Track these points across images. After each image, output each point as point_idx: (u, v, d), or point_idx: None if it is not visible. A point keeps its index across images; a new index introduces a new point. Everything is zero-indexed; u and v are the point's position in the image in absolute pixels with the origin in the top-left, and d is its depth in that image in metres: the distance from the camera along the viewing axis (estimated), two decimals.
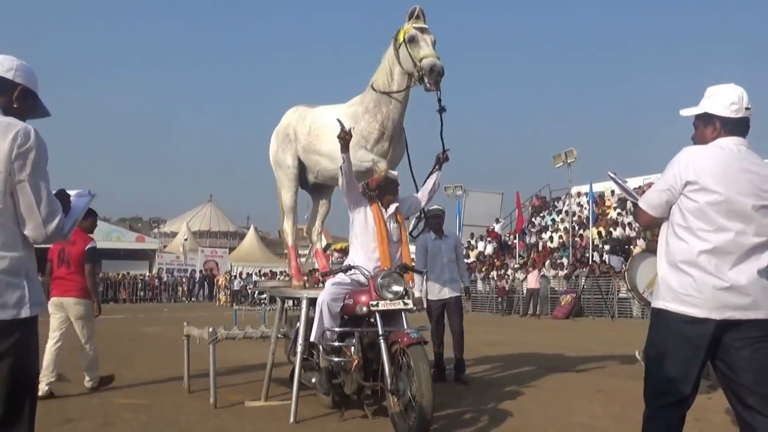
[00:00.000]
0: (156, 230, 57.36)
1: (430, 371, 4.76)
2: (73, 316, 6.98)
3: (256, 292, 27.23)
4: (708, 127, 3.23)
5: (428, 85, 5.66)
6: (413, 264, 6.04)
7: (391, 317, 5.21)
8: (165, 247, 44.15)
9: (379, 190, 5.77)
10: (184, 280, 39.08)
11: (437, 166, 6.24)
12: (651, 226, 3.52)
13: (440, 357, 7.87)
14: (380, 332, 5.04)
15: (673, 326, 3.12)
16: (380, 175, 5.77)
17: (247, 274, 37.44)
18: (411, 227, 6.78)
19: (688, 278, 3.08)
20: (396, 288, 5.20)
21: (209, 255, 42.38)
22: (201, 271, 39.76)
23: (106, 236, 40.04)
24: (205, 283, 38.78)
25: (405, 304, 5.18)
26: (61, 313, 6.97)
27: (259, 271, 38.56)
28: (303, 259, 8.39)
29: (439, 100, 5.85)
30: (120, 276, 36.90)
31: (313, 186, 7.02)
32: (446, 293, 7.91)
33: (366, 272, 5.40)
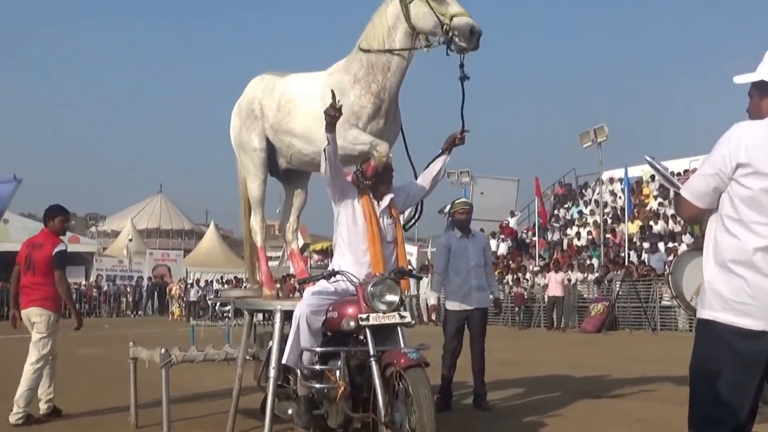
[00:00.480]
0: (94, 229, 57.19)
1: (434, 398, 4.77)
2: (33, 329, 7.24)
3: (218, 304, 27.18)
4: (765, 99, 3.23)
5: (465, 45, 5.64)
6: (411, 268, 6.07)
7: (384, 334, 5.21)
8: (105, 249, 44.10)
9: (375, 179, 5.78)
10: (128, 289, 39.01)
11: (447, 149, 6.24)
12: (696, 220, 3.54)
13: (449, 381, 7.93)
14: (371, 352, 5.03)
15: (723, 340, 3.11)
16: (380, 161, 5.76)
17: (207, 281, 37.46)
18: (405, 219, 6.78)
19: (740, 281, 3.08)
20: (390, 297, 5.21)
21: (159, 259, 42.34)
22: (150, 279, 39.72)
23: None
24: (155, 293, 38.73)
25: (401, 317, 5.19)
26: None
27: (221, 277, 38.59)
28: (275, 263, 8.39)
29: (462, 66, 5.83)
30: None
31: (285, 172, 6.97)
32: (471, 303, 7.97)
33: (354, 279, 5.40)
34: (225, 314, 23.20)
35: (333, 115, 5.33)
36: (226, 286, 33.71)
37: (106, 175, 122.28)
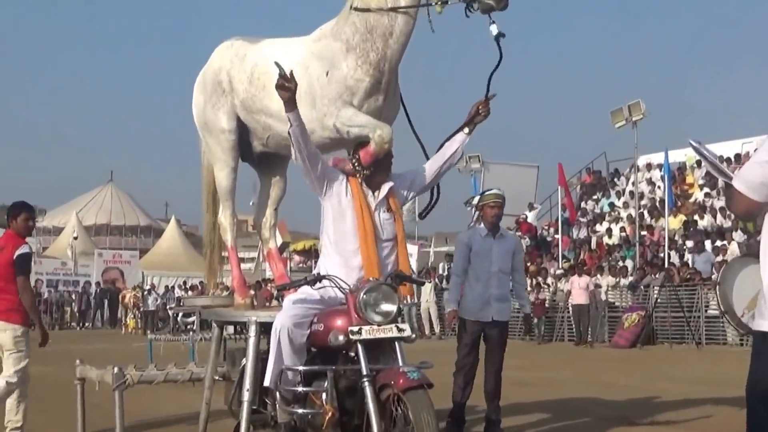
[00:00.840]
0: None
1: (439, 426, 4.79)
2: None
3: (181, 315, 27.22)
4: None
5: (493, 3, 5.63)
6: (412, 272, 6.08)
7: (379, 350, 5.24)
8: (45, 249, 44.06)
9: (373, 168, 5.79)
10: (74, 296, 38.99)
11: (469, 125, 6.15)
12: (750, 215, 3.52)
13: (461, 406, 7.96)
14: (364, 371, 5.04)
15: None
16: (382, 147, 5.74)
17: (167, 287, 37.47)
18: (423, 207, 6.74)
19: None
20: (386, 307, 5.21)
21: (110, 260, 42.30)
22: (98, 284, 39.69)
23: None
24: (105, 301, 38.70)
25: (399, 330, 5.20)
26: None
27: (184, 283, 38.54)
28: (249, 266, 8.42)
29: (493, 22, 5.84)
30: None
31: (259, 157, 6.97)
32: (490, 314, 7.96)
33: (343, 285, 5.41)
34: (189, 327, 23.29)
35: (287, 87, 5.26)
36: (190, 293, 33.74)
37: (47, 161, 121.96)
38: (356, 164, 5.77)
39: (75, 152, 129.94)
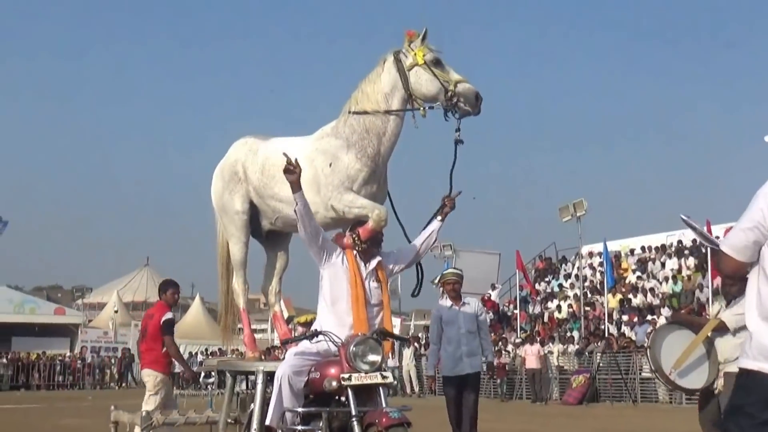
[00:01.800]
0: (80, 301, 56.63)
1: None
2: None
3: (202, 375, 26.78)
4: None
5: (469, 109, 5.79)
6: (395, 332, 6.01)
7: (366, 394, 5.13)
8: (90, 321, 43.54)
9: (368, 242, 5.76)
10: (113, 360, 38.40)
11: (441, 215, 6.17)
12: (737, 274, 3.57)
13: None
14: (353, 412, 4.94)
15: (766, 391, 3.12)
16: (379, 225, 5.73)
17: (191, 353, 36.92)
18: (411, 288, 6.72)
19: None
20: (372, 357, 5.14)
21: None
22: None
23: (17, 308, 39.54)
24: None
25: (383, 377, 5.12)
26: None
27: (206, 349, 38.04)
28: (260, 336, 8.36)
29: (458, 130, 5.90)
30: (34, 356, 36.12)
31: (267, 235, 6.92)
32: (464, 368, 8.08)
33: (336, 339, 5.32)
34: (209, 385, 22.93)
35: (292, 172, 5.30)
36: (210, 357, 33.27)
37: (92, 247, 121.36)
38: (356, 239, 5.73)
39: (117, 240, 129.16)
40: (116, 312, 41.95)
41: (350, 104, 6.15)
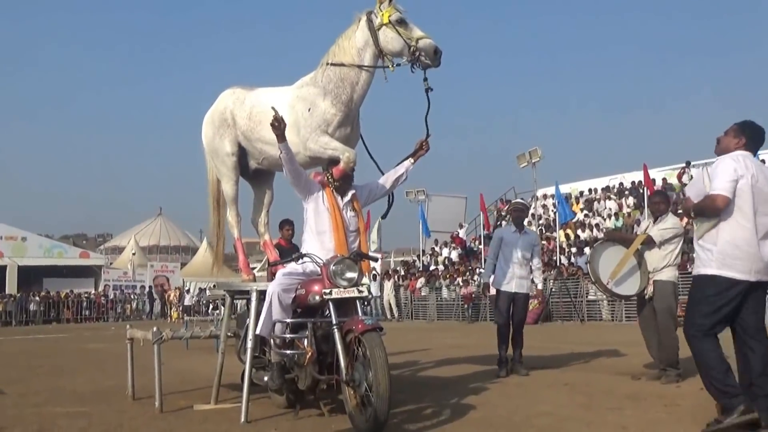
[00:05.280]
0: (102, 246, 56.30)
1: (386, 359, 4.71)
2: None
3: (210, 306, 26.86)
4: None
5: (429, 63, 5.77)
6: (371, 254, 6.02)
7: (346, 307, 5.15)
8: (112, 263, 43.35)
9: (341, 180, 5.75)
10: (132, 296, 38.40)
11: (413, 157, 6.15)
12: (726, 208, 4.61)
13: (504, 350, 8.27)
14: (334, 321, 4.97)
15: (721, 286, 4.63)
16: (348, 166, 5.75)
17: (200, 289, 36.95)
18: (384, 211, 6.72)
19: None
20: (350, 275, 5.15)
21: (159, 270, 41.76)
22: (150, 287, 39.13)
23: (47, 253, 39.36)
24: (155, 299, 38.12)
25: (360, 291, 5.13)
26: None
27: (213, 285, 37.95)
28: (261, 274, 8.30)
29: (426, 79, 5.87)
30: (63, 295, 36.04)
31: (253, 173, 6.87)
32: (515, 286, 8.23)
33: (318, 260, 5.33)
34: (215, 315, 23.02)
35: (277, 126, 5.28)
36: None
37: (114, 200, 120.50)
38: (329, 178, 5.77)
39: (135, 194, 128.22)
40: (134, 254, 41.65)
41: (328, 57, 6.13)
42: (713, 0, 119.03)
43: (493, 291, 8.74)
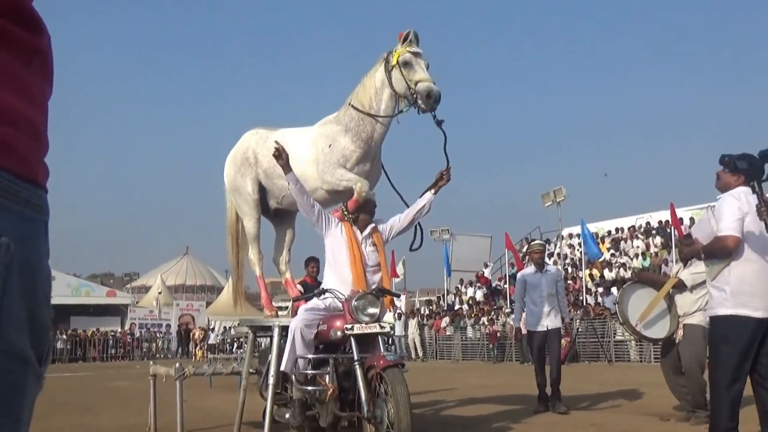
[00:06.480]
0: (129, 285, 56.75)
1: (408, 395, 4.65)
2: None
3: (234, 345, 26.83)
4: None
5: (424, 107, 5.72)
6: (393, 290, 6.00)
7: (367, 342, 5.12)
8: (138, 302, 43.63)
9: (357, 212, 5.76)
10: (158, 335, 38.49)
11: (435, 187, 6.10)
12: (733, 248, 4.60)
13: (543, 387, 8.32)
14: (355, 357, 4.95)
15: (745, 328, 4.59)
16: (360, 195, 5.78)
17: (225, 327, 36.96)
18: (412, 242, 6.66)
19: None
20: (371, 310, 5.13)
21: (185, 309, 41.88)
22: (178, 326, 39.21)
23: (75, 291, 39.73)
24: (181, 337, 38.17)
25: (381, 327, 5.11)
26: None
27: (237, 323, 37.94)
28: (284, 313, 8.28)
29: (434, 116, 5.86)
30: (90, 333, 36.26)
31: (275, 213, 6.95)
32: (547, 324, 8.39)
33: (340, 295, 5.32)
34: (239, 354, 22.99)
35: (279, 156, 5.35)
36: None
37: (140, 239, 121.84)
38: (344, 210, 5.82)
39: (162, 233, 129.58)
40: (160, 293, 42.00)
41: (352, 97, 6.19)
42: (748, 28, 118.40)
43: (524, 330, 8.76)
